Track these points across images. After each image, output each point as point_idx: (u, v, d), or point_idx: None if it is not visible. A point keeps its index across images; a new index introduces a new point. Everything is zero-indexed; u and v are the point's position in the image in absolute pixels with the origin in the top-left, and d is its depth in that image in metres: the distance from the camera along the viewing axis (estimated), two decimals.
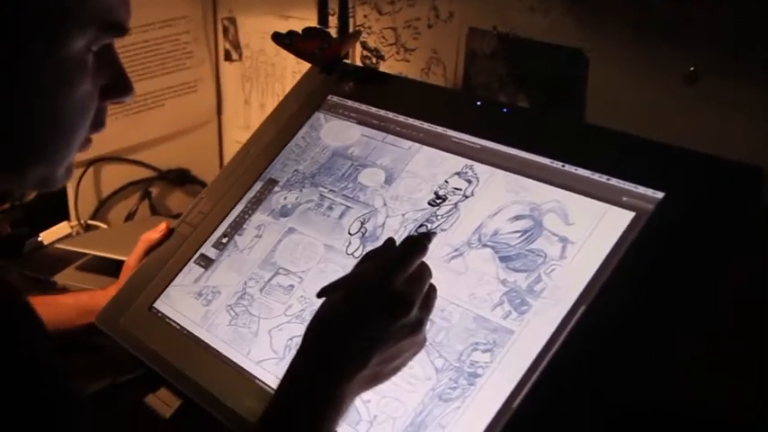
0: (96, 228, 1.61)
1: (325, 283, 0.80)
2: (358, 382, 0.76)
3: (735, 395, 0.94)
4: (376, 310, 0.76)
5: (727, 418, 0.95)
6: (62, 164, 0.75)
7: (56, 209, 1.61)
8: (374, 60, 1.40)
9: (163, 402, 1.06)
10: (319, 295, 0.79)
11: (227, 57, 1.72)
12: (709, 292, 0.83)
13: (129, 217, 1.67)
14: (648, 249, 0.84)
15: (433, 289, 0.81)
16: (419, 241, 0.81)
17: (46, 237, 1.53)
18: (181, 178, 1.73)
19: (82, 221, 1.60)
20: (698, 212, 0.84)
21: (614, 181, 0.90)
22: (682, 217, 0.84)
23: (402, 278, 0.77)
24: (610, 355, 0.80)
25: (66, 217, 1.61)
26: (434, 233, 0.91)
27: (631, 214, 0.87)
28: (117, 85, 0.76)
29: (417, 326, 0.78)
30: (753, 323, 0.92)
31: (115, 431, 1.04)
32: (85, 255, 1.41)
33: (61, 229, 1.56)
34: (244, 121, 1.73)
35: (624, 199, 0.88)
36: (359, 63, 1.43)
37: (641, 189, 0.88)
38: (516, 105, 1.18)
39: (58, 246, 1.47)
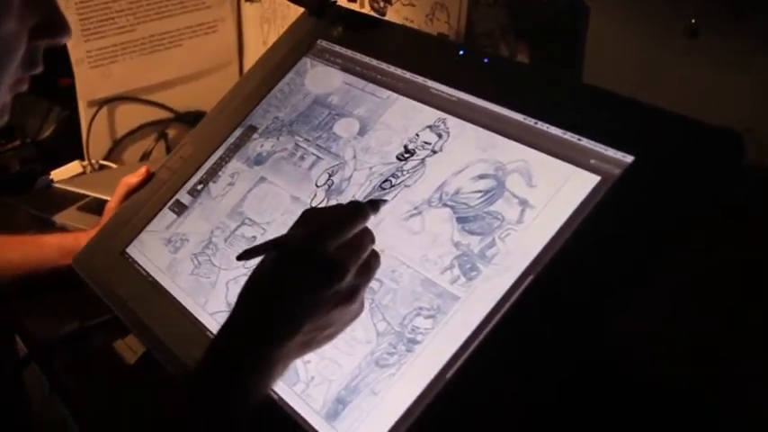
0: (108, 168, 1.60)
1: None
2: (291, 348, 0.73)
3: (703, 368, 0.88)
4: (305, 275, 0.73)
5: (690, 390, 0.89)
6: None
7: (72, 148, 1.62)
8: (382, 4, 1.34)
9: (129, 348, 1.05)
10: (239, 258, 0.76)
11: None
12: (671, 264, 0.77)
13: (144, 158, 1.66)
14: (608, 218, 0.77)
15: (374, 256, 0.77)
16: (361, 207, 0.77)
17: (57, 175, 1.54)
18: (197, 120, 1.68)
19: (94, 161, 1.59)
20: (668, 180, 0.76)
21: (585, 141, 0.83)
22: (650, 184, 0.77)
23: (336, 243, 0.73)
24: (553, 329, 0.75)
25: (81, 156, 1.61)
26: (384, 201, 0.86)
27: (596, 178, 0.80)
28: (50, 25, 0.73)
29: (352, 293, 0.74)
30: (716, 298, 0.85)
31: (79, 375, 1.04)
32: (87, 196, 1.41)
33: (72, 167, 1.56)
34: None
35: (592, 161, 0.81)
36: (367, 7, 1.37)
37: (611, 151, 0.81)
38: (497, 56, 1.10)
39: (58, 185, 1.47)
